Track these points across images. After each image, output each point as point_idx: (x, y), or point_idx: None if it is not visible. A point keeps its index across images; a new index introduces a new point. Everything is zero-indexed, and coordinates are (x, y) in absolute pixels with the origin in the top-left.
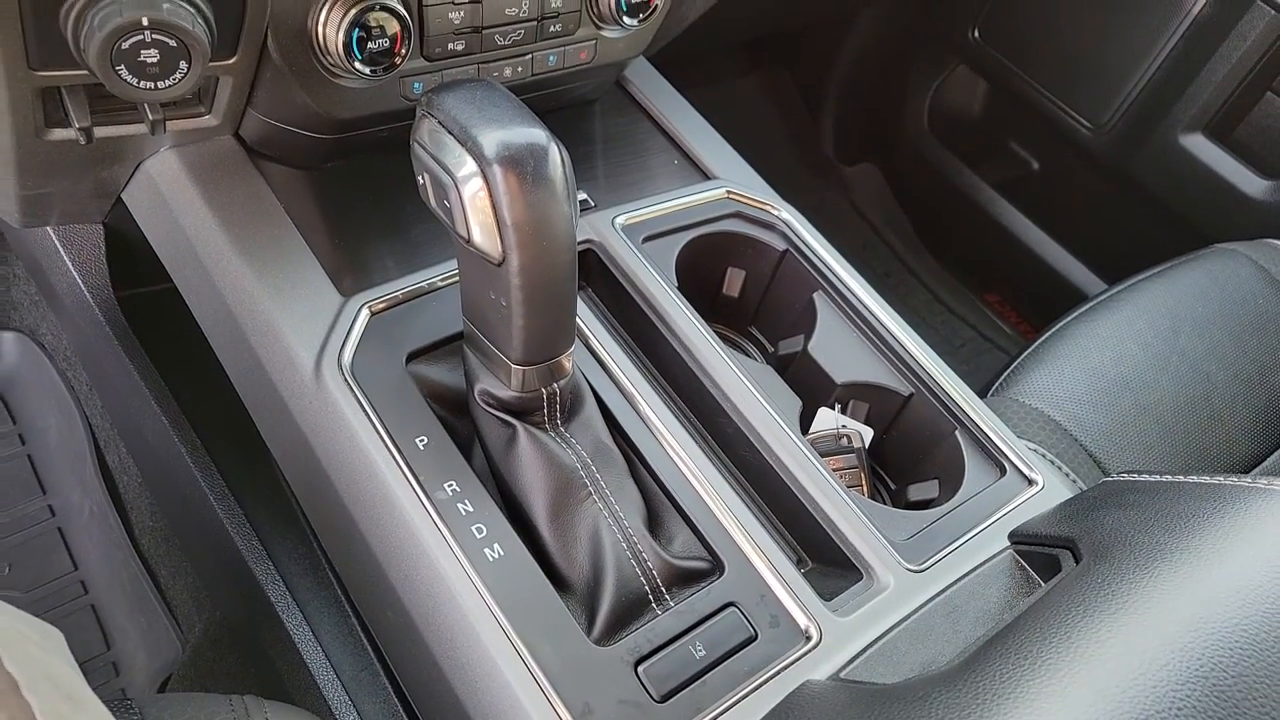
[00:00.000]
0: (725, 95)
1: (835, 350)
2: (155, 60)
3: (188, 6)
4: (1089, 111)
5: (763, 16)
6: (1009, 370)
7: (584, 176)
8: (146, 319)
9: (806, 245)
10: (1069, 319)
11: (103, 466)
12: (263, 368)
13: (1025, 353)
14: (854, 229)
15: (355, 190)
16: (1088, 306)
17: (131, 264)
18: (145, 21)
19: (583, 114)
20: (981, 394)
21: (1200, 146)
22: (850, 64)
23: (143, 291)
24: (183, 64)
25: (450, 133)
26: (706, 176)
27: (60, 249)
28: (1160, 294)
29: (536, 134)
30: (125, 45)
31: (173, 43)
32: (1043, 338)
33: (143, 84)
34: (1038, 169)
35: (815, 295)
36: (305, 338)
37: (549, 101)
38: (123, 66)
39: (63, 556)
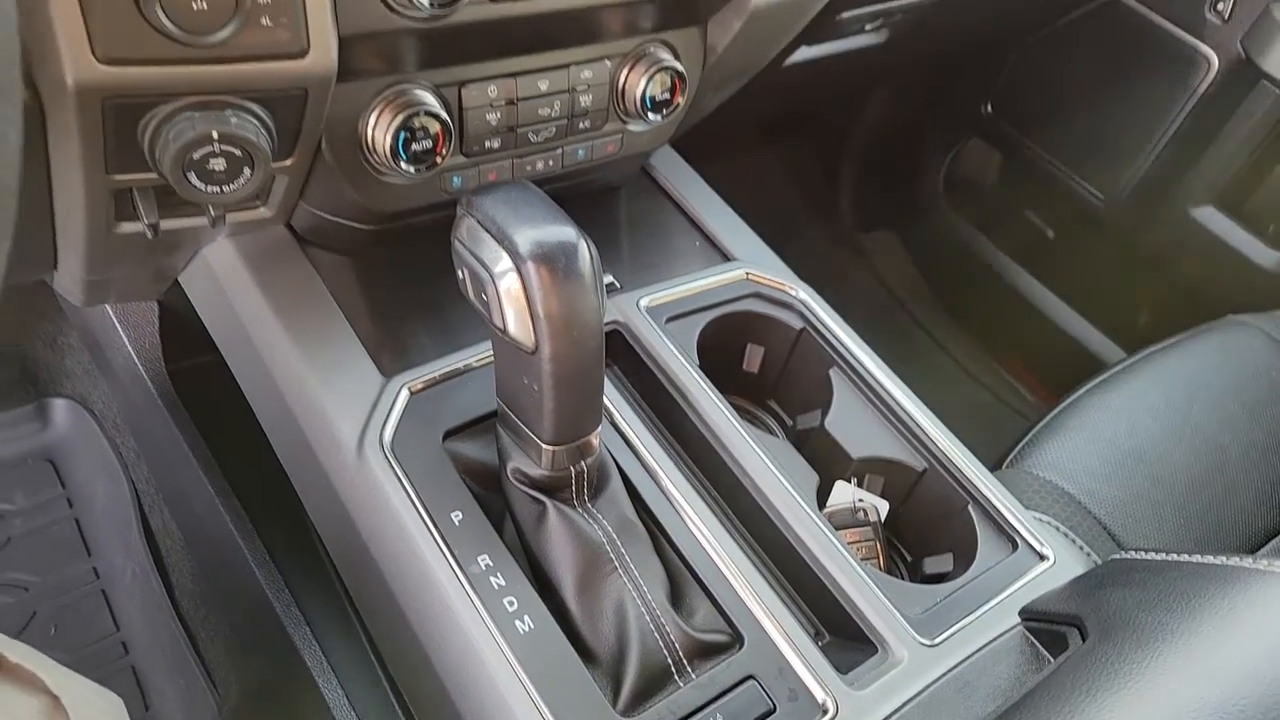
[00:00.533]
0: (745, 167)
1: (851, 426)
2: (222, 168)
3: (252, 120)
4: (1101, 183)
5: (779, 99)
6: (1023, 442)
7: (610, 259)
8: (195, 390)
9: (822, 324)
10: (1083, 390)
11: (146, 530)
12: (308, 444)
13: (1039, 425)
14: (874, 294)
15: (397, 275)
16: (1102, 378)
17: (182, 339)
18: (215, 135)
19: (609, 198)
20: (996, 465)
21: (1212, 218)
22: (867, 136)
23: (192, 364)
24: (246, 170)
25: (488, 231)
26: (726, 258)
27: (116, 324)
28: (1173, 366)
29: (567, 232)
30: (196, 156)
31: (238, 152)
32: (1057, 409)
33: (210, 188)
34: (1053, 237)
35: (831, 372)
36: (349, 417)
37: (578, 188)
38: (193, 174)
39: (105, 618)
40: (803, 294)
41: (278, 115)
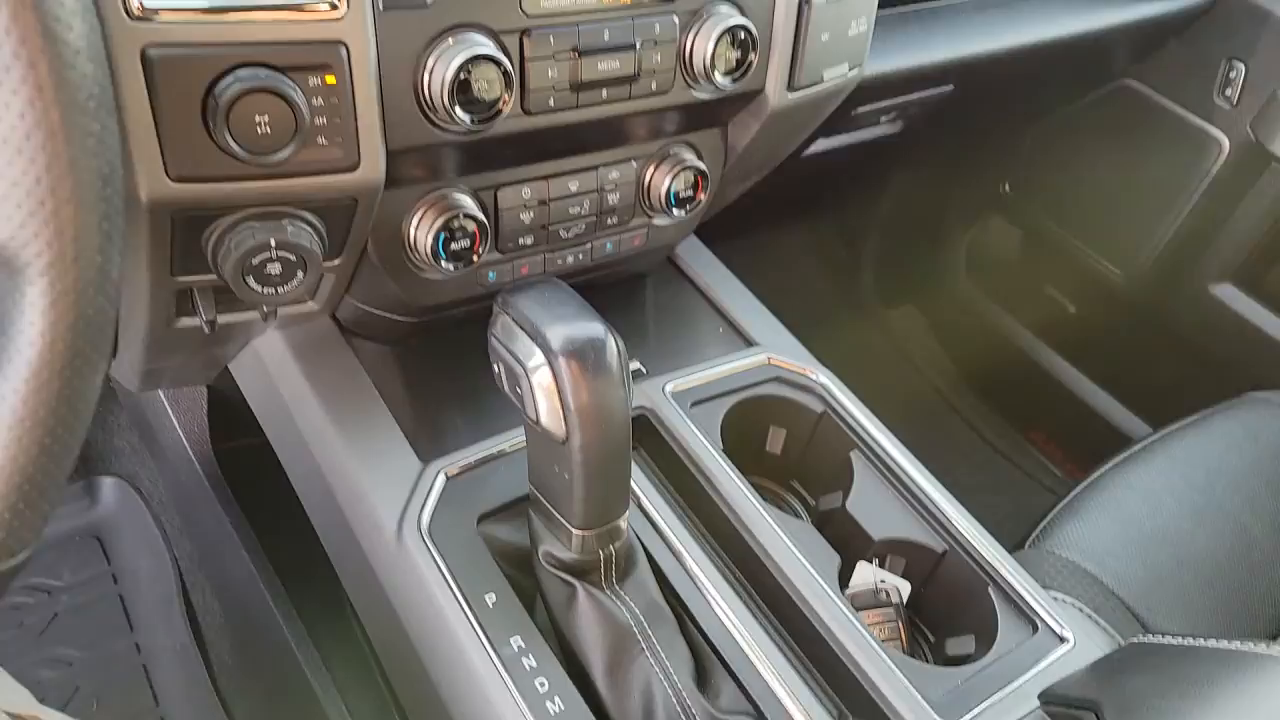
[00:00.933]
0: (766, 243)
1: (872, 507)
2: (278, 271)
3: (307, 227)
4: (1120, 259)
5: (799, 184)
6: (1045, 521)
7: (637, 345)
8: (239, 471)
9: (843, 407)
10: (1106, 469)
11: (188, 607)
12: (349, 526)
13: (1061, 504)
14: (897, 368)
15: (435, 363)
16: (1124, 456)
17: (229, 421)
18: (273, 242)
19: (636, 285)
20: (1019, 544)
21: (1231, 295)
22: (887, 212)
23: (238, 446)
24: (300, 273)
25: (522, 329)
26: (749, 343)
27: (167, 407)
28: (1194, 445)
29: (595, 328)
30: (255, 261)
31: (293, 257)
32: (1079, 488)
33: (266, 290)
34: (1074, 312)
35: (852, 454)
36: (389, 502)
37: (607, 276)
38: (251, 277)
39: (146, 693)
40: (823, 378)
41: (329, 222)
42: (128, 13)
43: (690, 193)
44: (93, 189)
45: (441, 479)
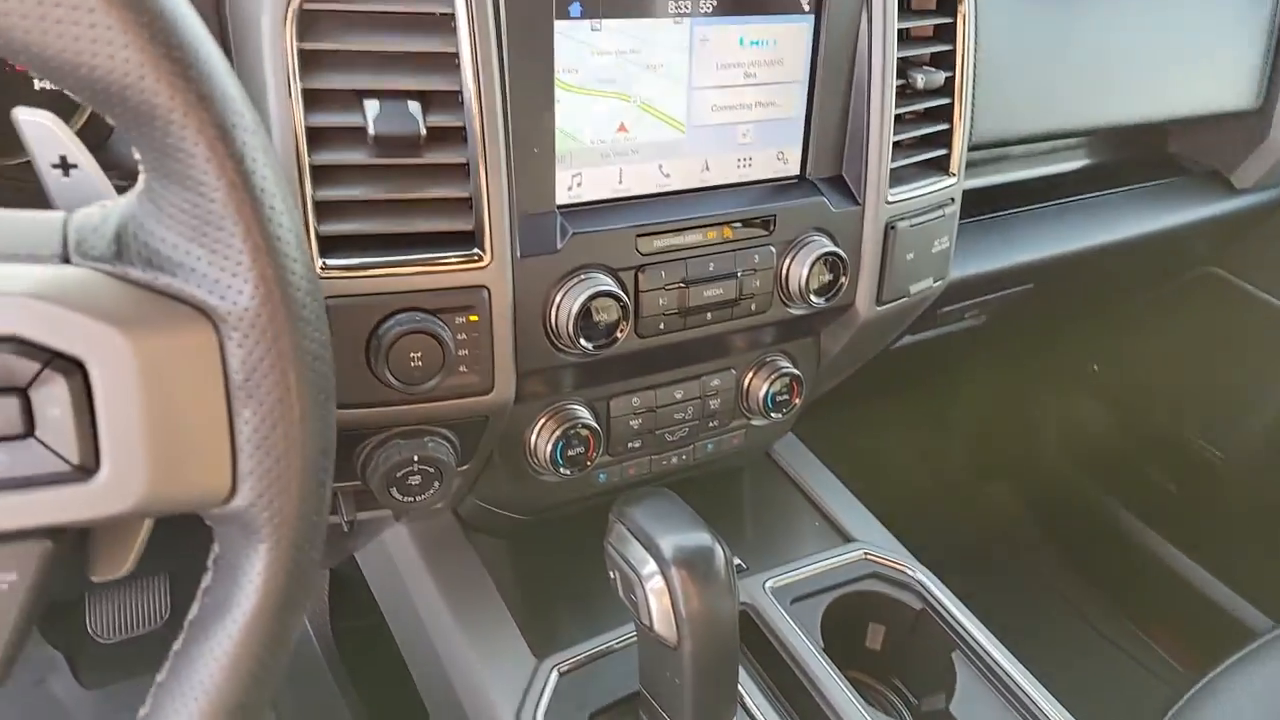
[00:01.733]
0: (857, 426)
1: (976, 711)
2: (417, 482)
3: (445, 442)
4: (1220, 442)
5: (887, 373)
6: None
7: (735, 540)
8: (357, 650)
9: (942, 606)
10: (1227, 665)
11: None
12: (465, 716)
13: (1179, 704)
14: (994, 551)
15: (547, 557)
16: (1247, 651)
17: (349, 602)
18: (415, 458)
19: (734, 479)
20: None
21: None
22: (976, 394)
23: (357, 625)
24: (436, 483)
25: (637, 539)
26: (846, 539)
27: None
28: None
29: (705, 539)
30: (399, 474)
31: (431, 470)
32: (1197, 687)
33: (406, 499)
34: (1176, 493)
35: (954, 655)
36: (505, 697)
37: (706, 470)
38: (394, 488)
39: None
40: (920, 575)
41: (463, 436)
42: None
43: (786, 396)
44: (319, 459)
45: (555, 675)
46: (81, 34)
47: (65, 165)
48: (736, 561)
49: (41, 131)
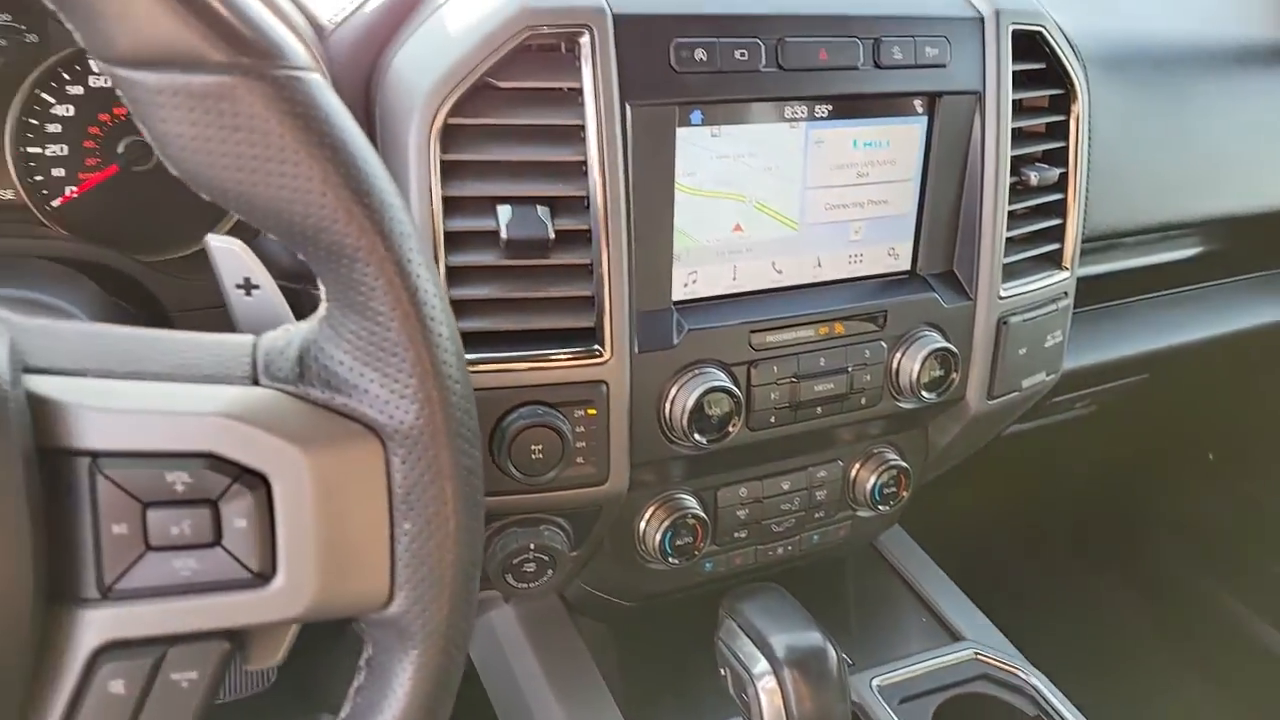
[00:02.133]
0: (960, 503)
1: None
2: (532, 569)
3: (559, 531)
4: None
5: (992, 463)
6: None
7: (840, 634)
8: None
9: (1057, 713)
10: None
11: None
12: None
13: None
14: (1106, 649)
15: (652, 644)
16: None
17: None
18: (531, 545)
19: (838, 569)
20: None
21: None
22: (1086, 479)
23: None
24: (550, 571)
25: (749, 637)
26: (954, 637)
27: None
28: None
29: (816, 639)
30: (514, 561)
31: (546, 557)
32: None
33: (520, 585)
34: None
35: None
36: None
37: (809, 559)
38: (510, 575)
39: None
40: (1034, 679)
41: (576, 525)
42: None
43: (894, 489)
44: (469, 569)
45: None
46: (286, 184)
47: (248, 286)
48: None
49: (230, 257)
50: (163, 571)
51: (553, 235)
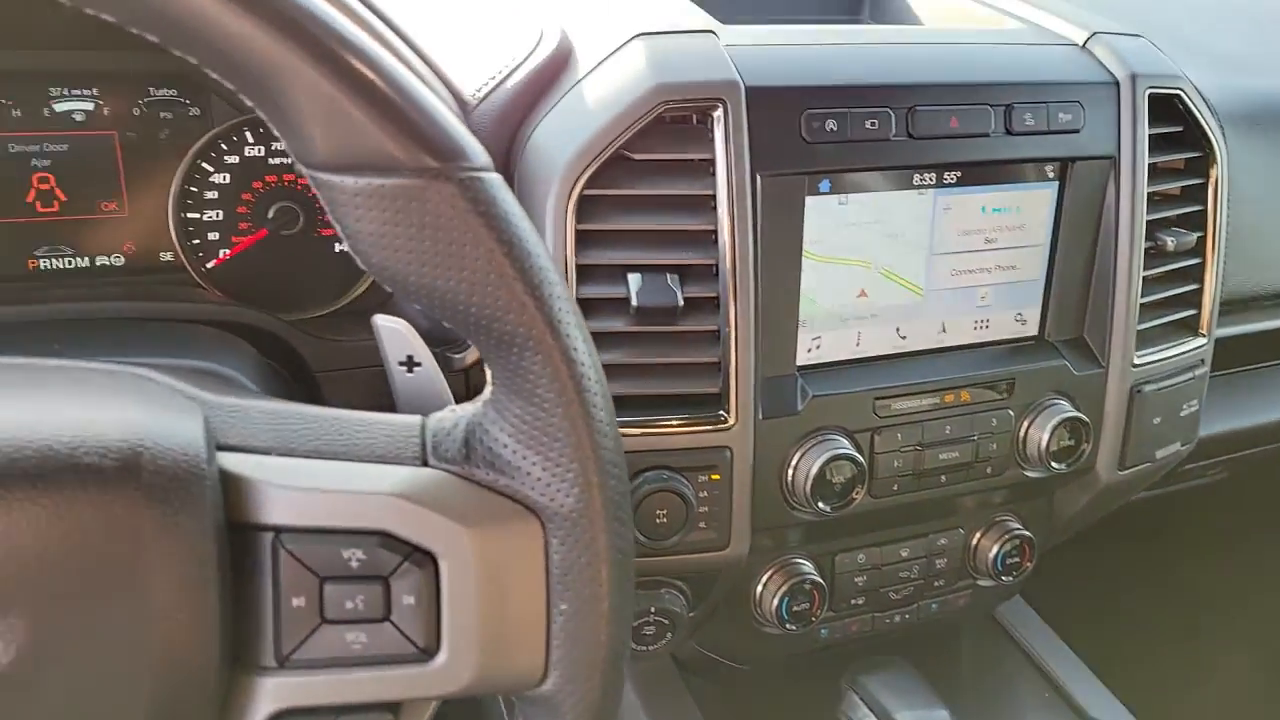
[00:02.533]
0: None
1: None
2: (652, 633)
3: (679, 594)
4: None
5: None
6: None
7: (958, 708)
8: None
9: None
10: None
11: None
12: None
13: None
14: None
15: (763, 707)
16: None
17: None
18: (651, 610)
19: (952, 636)
20: None
21: None
22: (1216, 549)
23: None
24: (669, 634)
25: (872, 711)
26: (1078, 714)
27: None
28: None
29: (942, 717)
30: (634, 624)
31: (665, 621)
32: None
33: (640, 648)
34: None
35: None
36: None
37: (926, 627)
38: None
39: None
40: None
41: (695, 588)
42: None
43: (1017, 559)
44: (619, 648)
45: None
46: (465, 278)
47: (410, 364)
48: None
49: (396, 336)
50: (336, 644)
51: (681, 302)
